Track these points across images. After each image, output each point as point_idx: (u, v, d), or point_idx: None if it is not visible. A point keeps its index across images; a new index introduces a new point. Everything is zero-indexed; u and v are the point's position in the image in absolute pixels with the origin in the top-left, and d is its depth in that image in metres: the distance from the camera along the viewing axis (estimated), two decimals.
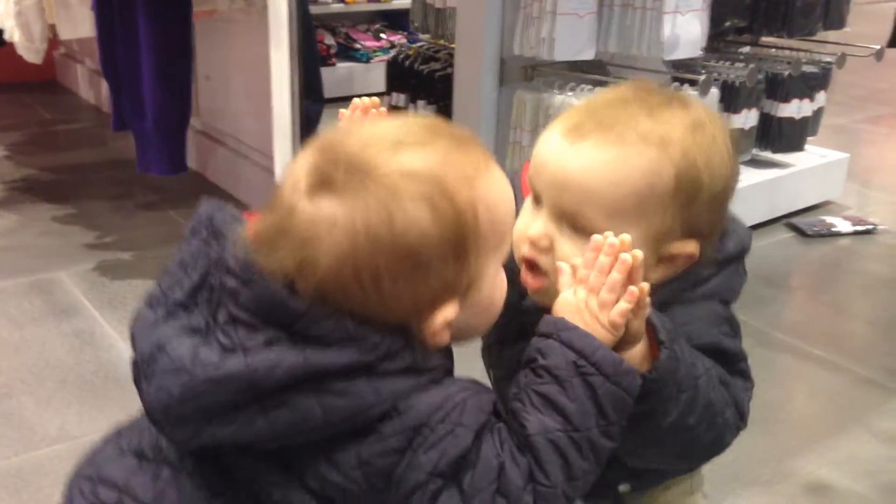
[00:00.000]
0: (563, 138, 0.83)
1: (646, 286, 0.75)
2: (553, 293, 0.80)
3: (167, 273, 0.74)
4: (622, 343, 0.75)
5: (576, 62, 2.39)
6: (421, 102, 2.80)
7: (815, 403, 1.94)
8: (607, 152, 0.81)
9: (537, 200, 0.86)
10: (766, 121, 2.74)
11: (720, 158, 0.83)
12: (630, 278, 0.74)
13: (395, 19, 4.42)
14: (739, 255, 0.91)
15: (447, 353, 0.75)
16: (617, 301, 0.74)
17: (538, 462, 0.70)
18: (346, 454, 0.68)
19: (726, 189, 0.85)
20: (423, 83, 2.78)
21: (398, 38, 4.27)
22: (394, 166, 0.67)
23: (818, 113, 2.85)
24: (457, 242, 0.68)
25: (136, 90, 2.33)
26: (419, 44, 2.97)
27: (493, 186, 0.72)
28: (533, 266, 0.85)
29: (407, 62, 2.87)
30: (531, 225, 0.85)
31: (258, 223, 0.70)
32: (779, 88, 2.68)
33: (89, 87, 4.00)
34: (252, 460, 0.70)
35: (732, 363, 0.89)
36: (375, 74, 3.92)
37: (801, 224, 2.73)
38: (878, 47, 2.70)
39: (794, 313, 2.20)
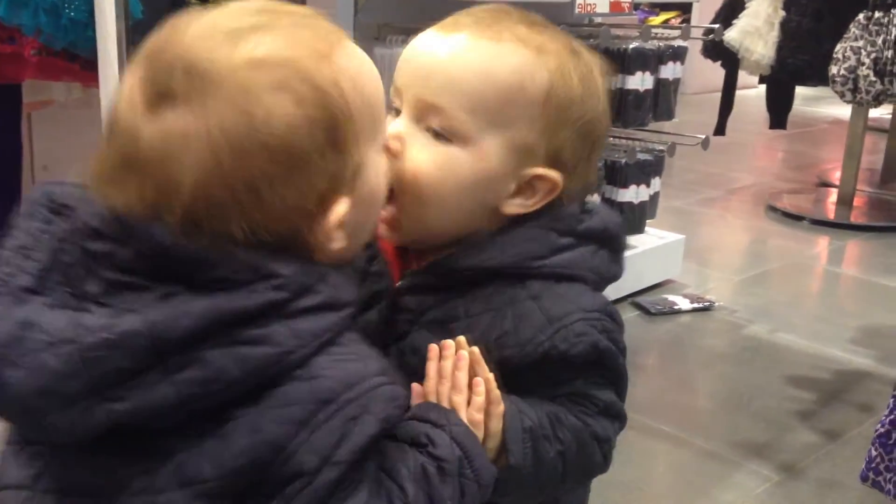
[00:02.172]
0: (436, 31, 0.79)
1: (491, 377, 0.74)
2: (405, 226, 0.77)
3: (1, 261, 0.62)
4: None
5: None
6: None
7: (665, 480, 1.99)
8: (481, 45, 0.76)
9: (396, 111, 0.79)
10: (608, 205, 2.88)
11: (595, 88, 0.80)
12: (474, 372, 0.74)
13: None
14: (602, 235, 0.82)
15: (355, 282, 0.68)
16: (468, 400, 0.73)
17: None
18: (240, 421, 0.59)
19: (596, 123, 0.80)
20: None
21: None
22: (237, 59, 0.60)
23: (655, 197, 3.02)
24: (330, 127, 0.62)
25: None
26: None
27: (352, 60, 0.65)
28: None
29: None
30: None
31: (96, 161, 0.62)
32: (617, 175, 2.84)
33: None
34: (95, 459, 0.60)
35: (602, 404, 0.81)
36: None
37: (644, 303, 2.85)
38: (704, 137, 2.91)
39: (642, 391, 2.27)
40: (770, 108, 3.91)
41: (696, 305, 2.87)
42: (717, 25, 3.25)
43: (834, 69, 3.27)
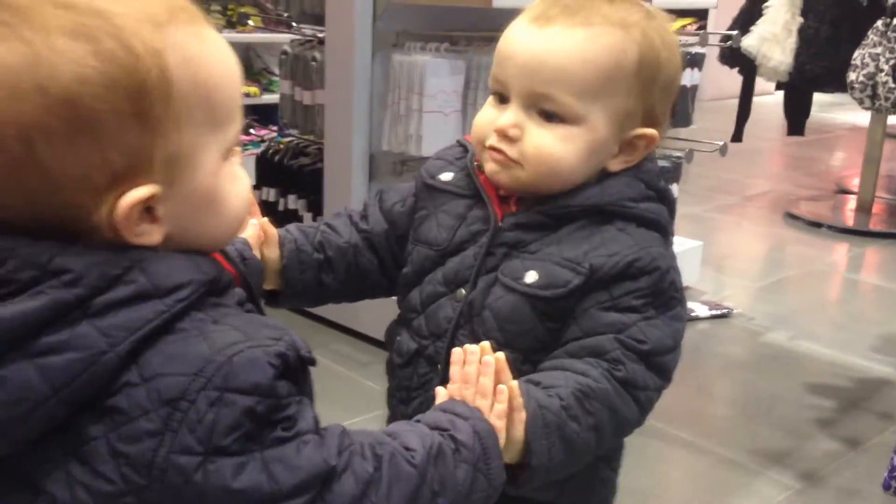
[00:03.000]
0: (529, 25, 0.87)
1: (514, 385, 0.76)
2: (519, 176, 0.86)
3: None
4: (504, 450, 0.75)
5: None
6: (291, 197, 2.78)
7: (682, 487, 1.99)
8: (575, 33, 0.85)
9: (501, 97, 0.89)
10: None
11: (672, 43, 0.89)
12: (498, 379, 0.75)
13: (265, 114, 4.42)
14: (669, 198, 0.93)
15: (203, 262, 0.60)
16: (492, 406, 0.74)
17: (389, 486, 0.62)
18: (95, 444, 0.54)
19: (677, 78, 0.91)
20: (293, 178, 2.77)
21: (267, 133, 4.27)
22: (47, 0, 0.54)
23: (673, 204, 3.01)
24: (134, 95, 0.54)
25: None
26: (288, 139, 2.97)
27: (199, 43, 0.59)
28: (505, 159, 0.88)
29: (276, 157, 2.87)
30: (499, 116, 0.88)
31: None
32: None
33: None
34: None
35: (650, 355, 0.86)
36: (246, 169, 3.87)
37: None
38: (722, 143, 2.90)
39: (662, 398, 2.25)
40: (788, 115, 3.89)
41: (714, 312, 2.86)
42: (734, 32, 3.24)
43: (852, 76, 3.25)
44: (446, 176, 0.96)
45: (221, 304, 0.61)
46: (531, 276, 0.87)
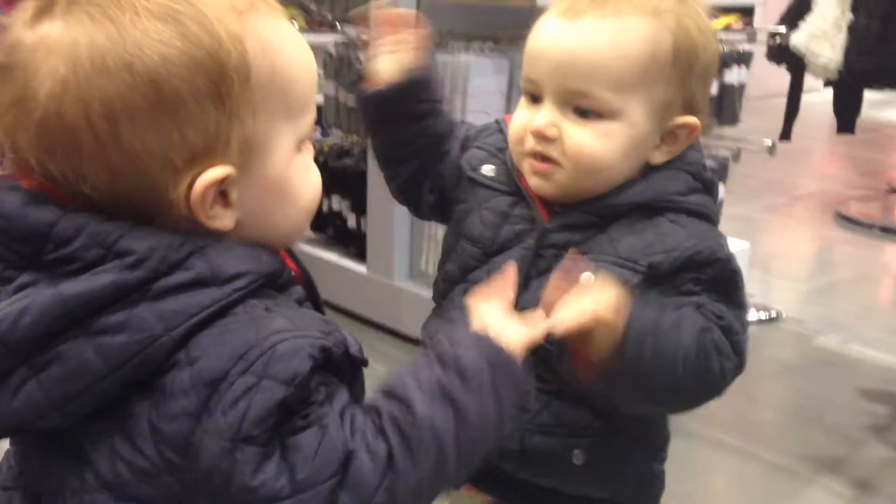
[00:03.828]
0: (559, 19, 0.85)
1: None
2: (561, 180, 0.84)
3: None
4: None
5: None
6: (335, 197, 2.79)
7: (729, 494, 1.95)
8: (607, 25, 0.83)
9: (534, 97, 0.87)
10: None
11: (707, 29, 0.87)
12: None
13: None
14: (714, 189, 0.92)
15: (264, 254, 0.61)
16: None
17: (411, 453, 0.59)
18: (139, 420, 0.55)
19: (714, 62, 0.88)
20: (336, 179, 2.78)
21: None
22: None
23: (719, 204, 2.96)
24: (214, 78, 0.57)
25: None
26: (332, 140, 2.98)
27: (277, 33, 0.61)
28: (542, 157, 0.86)
29: (320, 158, 2.88)
30: (534, 117, 0.86)
31: None
32: None
33: None
34: (44, 456, 0.58)
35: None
36: None
37: None
38: (770, 143, 2.85)
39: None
40: (838, 112, 3.80)
41: (762, 315, 2.80)
42: (782, 29, 3.18)
43: None
44: (488, 169, 0.94)
45: (278, 297, 0.61)
46: (588, 278, 0.85)
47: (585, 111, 0.84)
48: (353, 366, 0.62)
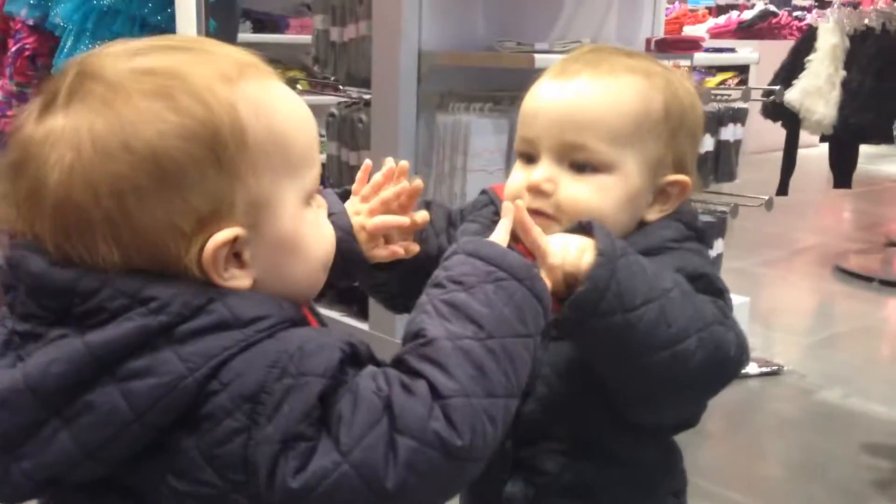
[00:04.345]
0: (554, 80, 0.88)
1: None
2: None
3: None
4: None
5: None
6: None
7: None
8: (602, 81, 0.87)
9: (529, 157, 0.89)
10: None
11: (691, 92, 0.91)
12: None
13: None
14: (707, 240, 0.94)
15: (285, 303, 0.63)
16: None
17: (444, 370, 0.59)
18: (188, 455, 0.57)
19: (700, 124, 0.92)
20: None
21: None
22: (128, 66, 0.60)
23: (718, 259, 2.99)
24: (210, 144, 0.59)
25: None
26: None
27: (270, 94, 0.63)
28: (538, 213, 0.85)
29: None
30: (531, 174, 0.87)
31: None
32: None
33: None
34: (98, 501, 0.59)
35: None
36: None
37: None
38: (767, 198, 2.88)
39: (711, 458, 2.21)
40: (834, 168, 3.86)
41: (763, 369, 2.80)
42: (777, 87, 3.24)
43: None
44: None
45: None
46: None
47: (582, 165, 0.86)
48: (378, 367, 0.63)
